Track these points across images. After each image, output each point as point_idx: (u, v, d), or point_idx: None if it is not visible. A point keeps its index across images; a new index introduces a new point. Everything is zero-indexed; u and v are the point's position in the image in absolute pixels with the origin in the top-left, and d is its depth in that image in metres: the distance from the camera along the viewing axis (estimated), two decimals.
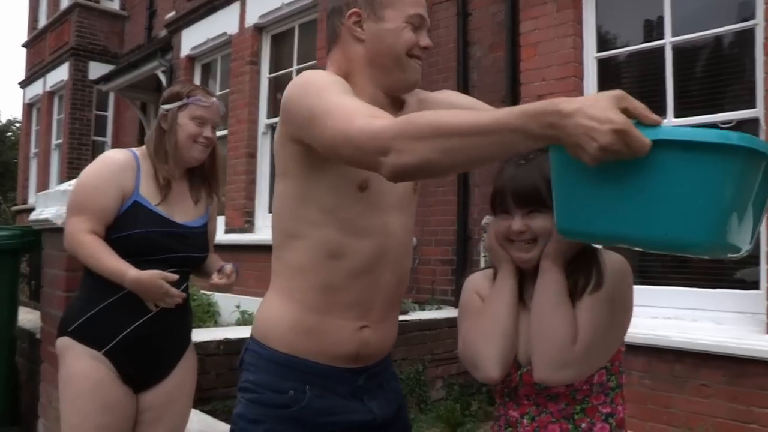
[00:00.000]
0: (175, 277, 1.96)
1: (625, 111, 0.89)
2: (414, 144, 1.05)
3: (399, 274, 1.49)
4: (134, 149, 2.15)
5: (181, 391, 2.15)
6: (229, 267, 2.15)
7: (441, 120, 1.06)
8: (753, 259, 3.60)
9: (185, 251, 2.08)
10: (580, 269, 1.40)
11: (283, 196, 1.41)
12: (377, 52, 1.41)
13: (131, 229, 2.00)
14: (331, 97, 1.24)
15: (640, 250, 1.08)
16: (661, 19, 4.09)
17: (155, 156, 2.10)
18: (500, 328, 1.40)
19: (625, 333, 1.41)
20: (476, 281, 1.56)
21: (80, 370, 1.98)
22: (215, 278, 2.13)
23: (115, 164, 2.05)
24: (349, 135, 1.15)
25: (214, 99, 2.17)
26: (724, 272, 3.85)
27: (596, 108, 0.88)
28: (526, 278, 1.46)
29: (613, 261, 1.40)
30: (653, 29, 4.28)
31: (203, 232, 2.19)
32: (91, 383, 1.96)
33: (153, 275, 1.92)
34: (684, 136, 0.88)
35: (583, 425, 1.37)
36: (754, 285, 3.57)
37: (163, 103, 2.15)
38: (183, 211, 2.14)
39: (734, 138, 0.86)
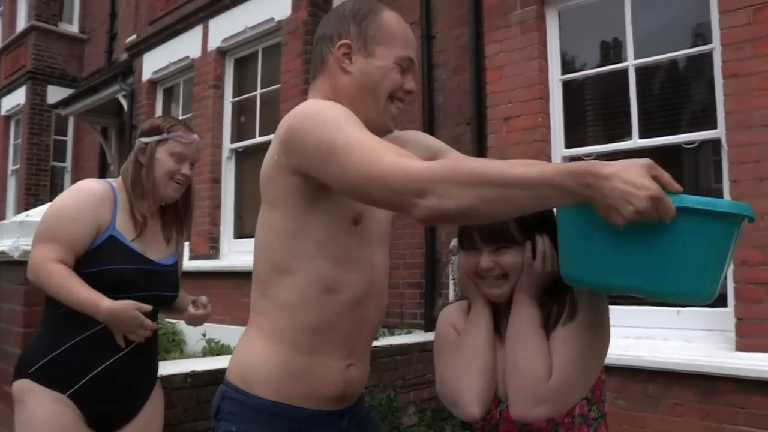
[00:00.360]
0: (148, 307, 1.87)
1: (654, 178, 0.96)
2: (458, 190, 1.04)
3: (381, 308, 1.46)
4: (110, 180, 2.06)
5: (149, 431, 2.05)
6: (204, 298, 2.09)
7: (488, 169, 1.06)
8: None
9: (158, 290, 2.00)
10: (554, 299, 1.38)
11: (274, 229, 1.34)
12: (362, 87, 1.38)
13: (106, 264, 1.91)
14: (352, 132, 1.19)
15: (641, 297, 1.17)
16: (623, 41, 4.16)
17: (132, 191, 2.02)
18: (478, 363, 1.37)
19: (603, 361, 1.38)
20: (451, 314, 1.53)
21: (42, 416, 1.85)
22: (192, 310, 2.06)
23: (93, 195, 1.96)
24: (379, 174, 1.11)
25: (195, 136, 2.11)
26: None
27: (631, 173, 0.95)
28: (501, 311, 1.43)
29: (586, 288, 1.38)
30: (616, 51, 4.36)
31: (174, 271, 2.12)
32: (53, 429, 1.84)
33: (128, 305, 1.83)
34: (701, 204, 0.99)
35: None
36: (722, 302, 3.61)
37: (141, 136, 2.07)
38: (155, 249, 2.06)
39: (726, 206, 1.02)
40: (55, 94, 11.17)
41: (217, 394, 1.39)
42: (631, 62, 4.10)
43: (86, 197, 1.95)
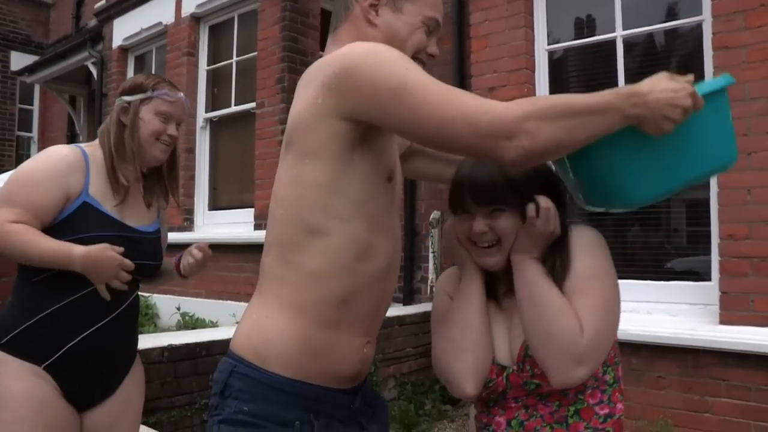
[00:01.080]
0: (120, 249, 1.77)
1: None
2: (546, 125, 1.06)
3: (396, 281, 1.37)
4: (81, 145, 1.93)
5: (129, 407, 1.95)
6: (198, 243, 2.03)
7: (565, 100, 1.10)
8: (699, 251, 3.66)
9: (140, 258, 1.87)
10: (554, 251, 1.32)
11: (308, 184, 1.20)
12: (387, 42, 1.27)
13: (81, 232, 1.78)
14: (420, 72, 1.14)
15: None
16: (611, 12, 4.08)
17: (116, 154, 1.89)
18: (469, 339, 1.31)
19: (620, 305, 1.32)
20: (446, 281, 1.47)
21: (18, 389, 1.72)
22: (195, 254, 2.01)
23: (63, 161, 1.82)
24: (464, 115, 1.08)
25: (181, 94, 1.99)
26: (675, 264, 3.90)
27: (663, 83, 1.09)
28: (498, 275, 1.37)
29: (584, 233, 1.33)
30: (604, 22, 4.28)
31: (157, 239, 2.01)
32: (32, 404, 1.72)
33: (102, 247, 1.73)
34: (712, 87, 1.16)
35: None
36: (705, 276, 3.61)
37: (123, 94, 1.94)
38: (135, 215, 1.94)
39: (722, 80, 1.19)
40: (19, 60, 10.75)
41: (222, 369, 1.25)
42: (619, 33, 4.03)
43: (55, 163, 1.82)
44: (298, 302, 1.21)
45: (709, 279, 3.56)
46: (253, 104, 5.97)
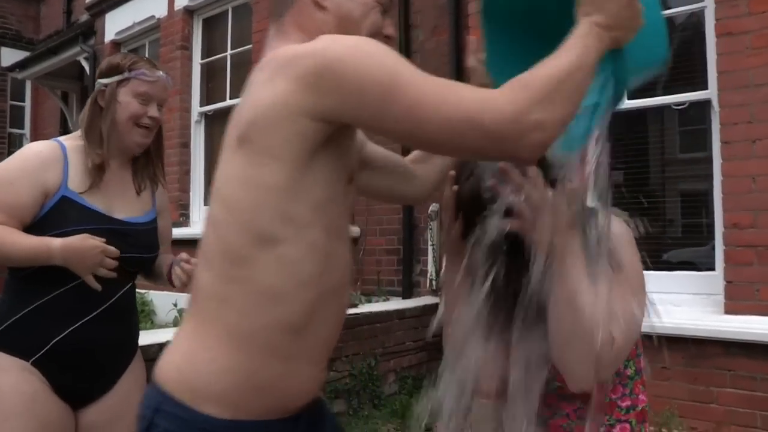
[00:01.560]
0: (101, 240, 1.70)
1: None
2: (550, 107, 0.95)
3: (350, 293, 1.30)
4: (60, 139, 1.87)
5: (129, 405, 1.86)
6: (184, 255, 1.90)
7: (548, 71, 0.96)
8: (703, 240, 3.63)
9: (129, 251, 1.80)
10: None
11: (265, 187, 1.05)
12: (339, 26, 1.16)
13: (60, 227, 1.72)
14: (411, 68, 1.02)
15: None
16: None
17: (86, 138, 1.82)
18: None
19: (645, 306, 1.25)
20: None
21: (7, 385, 1.68)
22: (181, 267, 1.88)
23: (36, 158, 1.77)
24: (467, 114, 0.95)
25: (160, 73, 1.90)
26: (678, 254, 3.87)
27: None
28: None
29: (614, 226, 1.24)
30: None
31: (151, 229, 1.93)
32: (24, 399, 1.67)
33: (82, 236, 1.68)
34: None
35: (602, 429, 1.24)
36: (710, 266, 3.58)
37: (100, 77, 1.87)
38: (125, 206, 1.87)
39: None
40: (9, 56, 10.64)
41: (148, 404, 1.11)
42: None
43: (27, 159, 1.77)
44: (243, 330, 1.07)
45: (713, 268, 3.53)
46: None
